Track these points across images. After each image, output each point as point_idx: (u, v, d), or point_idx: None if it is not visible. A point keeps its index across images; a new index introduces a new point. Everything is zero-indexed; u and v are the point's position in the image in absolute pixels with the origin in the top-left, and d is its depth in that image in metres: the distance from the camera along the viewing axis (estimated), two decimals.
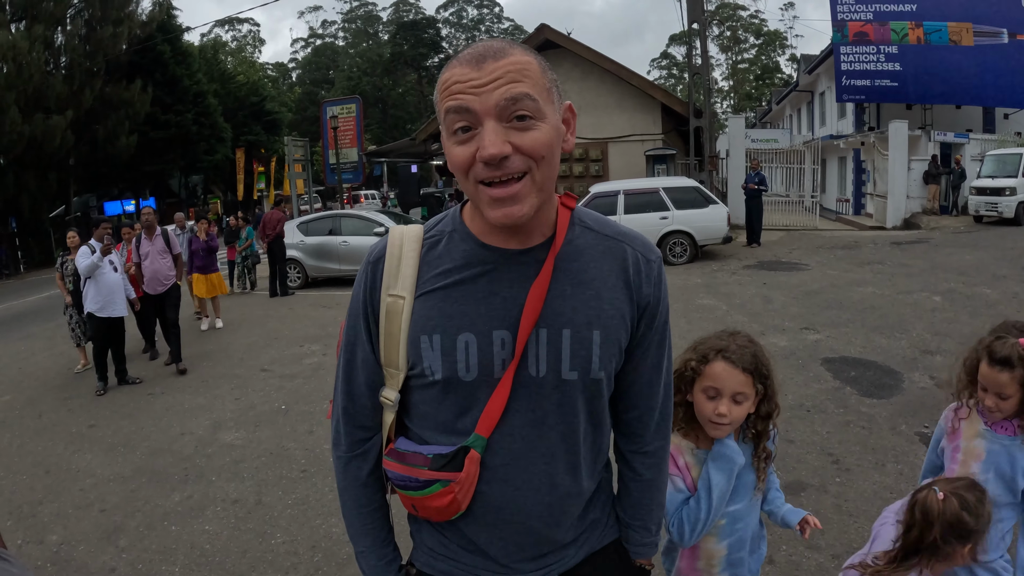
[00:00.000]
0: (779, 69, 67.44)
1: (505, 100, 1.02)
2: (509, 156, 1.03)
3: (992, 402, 1.92)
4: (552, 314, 1.13)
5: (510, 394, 1.14)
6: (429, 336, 1.14)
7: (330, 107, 25.54)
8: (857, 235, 16.26)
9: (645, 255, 1.23)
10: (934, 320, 7.43)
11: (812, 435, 4.55)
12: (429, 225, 1.26)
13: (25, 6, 28.65)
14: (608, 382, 1.21)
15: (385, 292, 1.19)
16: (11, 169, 27.54)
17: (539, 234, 1.17)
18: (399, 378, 1.20)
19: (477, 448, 1.13)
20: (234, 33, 72.83)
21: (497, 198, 1.05)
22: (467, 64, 1.05)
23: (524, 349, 1.13)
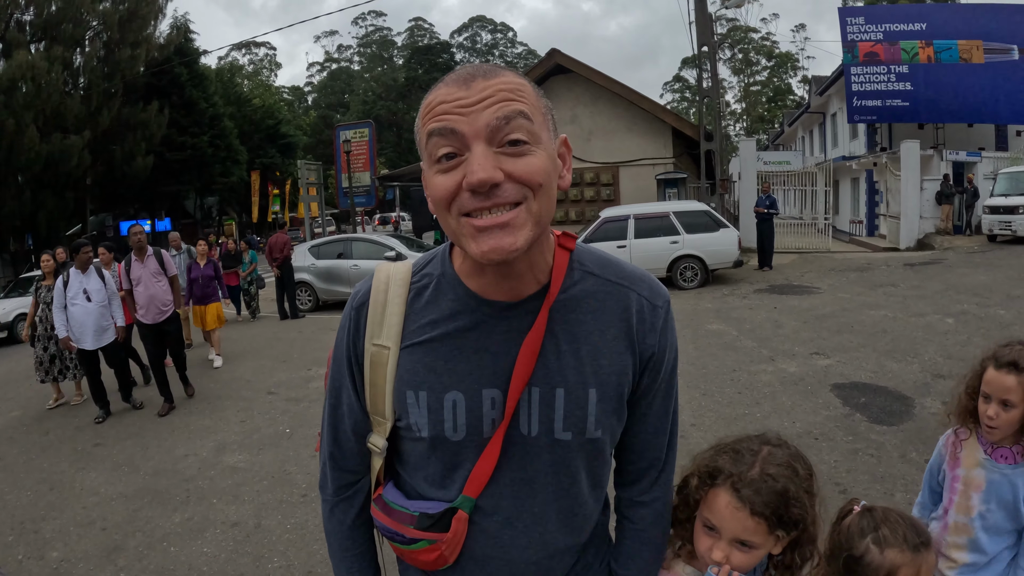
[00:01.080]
0: (791, 91, 67.59)
1: (497, 119, 0.92)
2: (501, 184, 0.92)
3: (994, 411, 1.80)
4: (545, 372, 1.06)
5: (500, 454, 1.07)
6: (415, 392, 1.08)
7: (343, 131, 25.76)
8: (870, 257, 16.13)
9: (651, 300, 1.13)
10: (946, 343, 7.33)
11: (819, 464, 4.45)
12: (418, 265, 1.17)
13: (45, 27, 29.28)
14: (610, 439, 1.14)
15: (369, 341, 1.13)
16: (29, 187, 27.95)
17: (533, 281, 1.07)
18: (386, 426, 1.14)
19: (465, 509, 1.08)
20: (251, 57, 74.01)
21: (483, 227, 0.93)
22: (454, 84, 0.95)
23: (516, 408, 1.06)
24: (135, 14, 31.97)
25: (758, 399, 5.94)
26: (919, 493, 2.16)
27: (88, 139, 28.55)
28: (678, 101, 74.15)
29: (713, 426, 5.34)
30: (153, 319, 7.05)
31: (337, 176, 26.15)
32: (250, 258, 13.39)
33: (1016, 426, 1.79)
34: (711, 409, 5.76)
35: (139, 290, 7.05)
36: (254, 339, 11.07)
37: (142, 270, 7.09)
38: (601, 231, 12.97)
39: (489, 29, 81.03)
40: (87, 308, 6.79)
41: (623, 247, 12.67)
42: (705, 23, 17.33)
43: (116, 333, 7.05)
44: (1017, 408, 1.77)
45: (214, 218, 44.58)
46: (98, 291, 6.88)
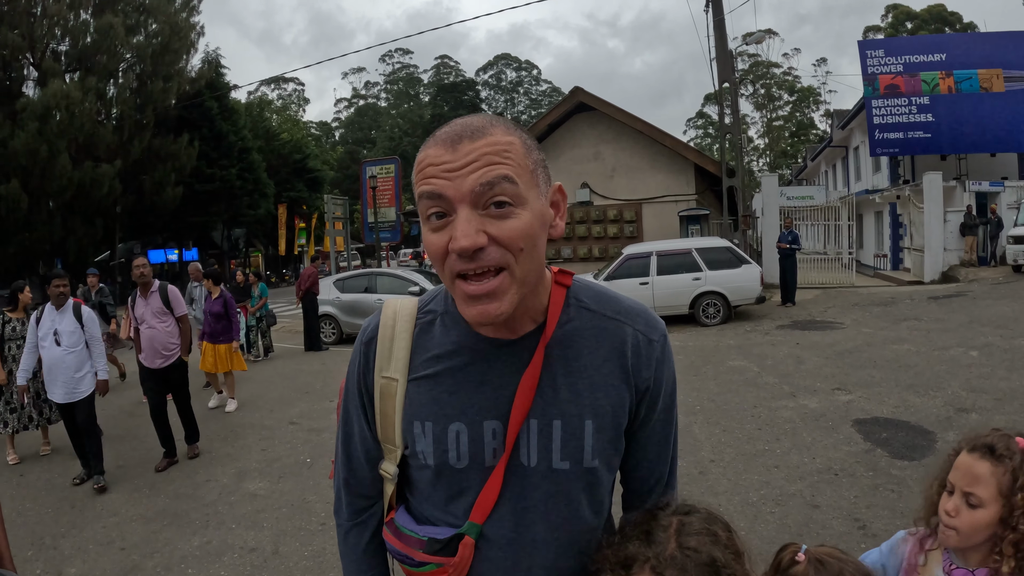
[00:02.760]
0: (813, 125, 67.61)
1: (480, 186, 0.95)
2: (484, 248, 0.96)
3: (953, 506, 1.42)
4: (543, 404, 1.11)
5: (502, 483, 1.12)
6: (422, 423, 1.14)
7: (369, 167, 26.15)
8: (894, 291, 15.98)
9: (647, 335, 1.16)
10: (970, 376, 7.24)
11: (839, 500, 4.42)
12: (424, 301, 1.23)
13: (80, 58, 30.23)
14: (607, 468, 1.17)
15: (378, 373, 1.19)
16: (59, 213, 28.69)
17: (530, 320, 1.13)
18: (397, 454, 1.20)
19: (471, 535, 1.12)
20: (280, 92, 75.64)
21: (472, 295, 0.99)
22: (442, 145, 0.99)
23: (516, 439, 1.11)
24: (168, 48, 32.93)
25: (778, 435, 5.89)
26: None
27: (119, 168, 29.31)
28: (701, 137, 74.42)
29: (733, 462, 5.32)
30: (153, 363, 6.27)
31: (363, 211, 26.51)
32: (260, 292, 12.49)
33: (982, 534, 1.40)
34: (731, 445, 5.73)
35: (141, 329, 6.35)
36: (277, 370, 11.18)
37: (145, 308, 6.36)
38: (624, 268, 13.00)
39: (514, 67, 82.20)
40: (55, 354, 5.69)
41: (645, 284, 12.69)
42: (726, 59, 17.47)
43: (96, 386, 5.82)
44: (985, 509, 1.39)
45: (241, 250, 45.20)
46: (71, 333, 5.73)
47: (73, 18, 30.19)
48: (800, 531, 4.01)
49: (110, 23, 29.66)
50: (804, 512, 4.27)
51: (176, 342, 6.37)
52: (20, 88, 29.83)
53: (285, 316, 20.25)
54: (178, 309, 6.46)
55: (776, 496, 4.57)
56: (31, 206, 26.98)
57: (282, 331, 16.83)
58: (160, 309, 6.35)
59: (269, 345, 12.91)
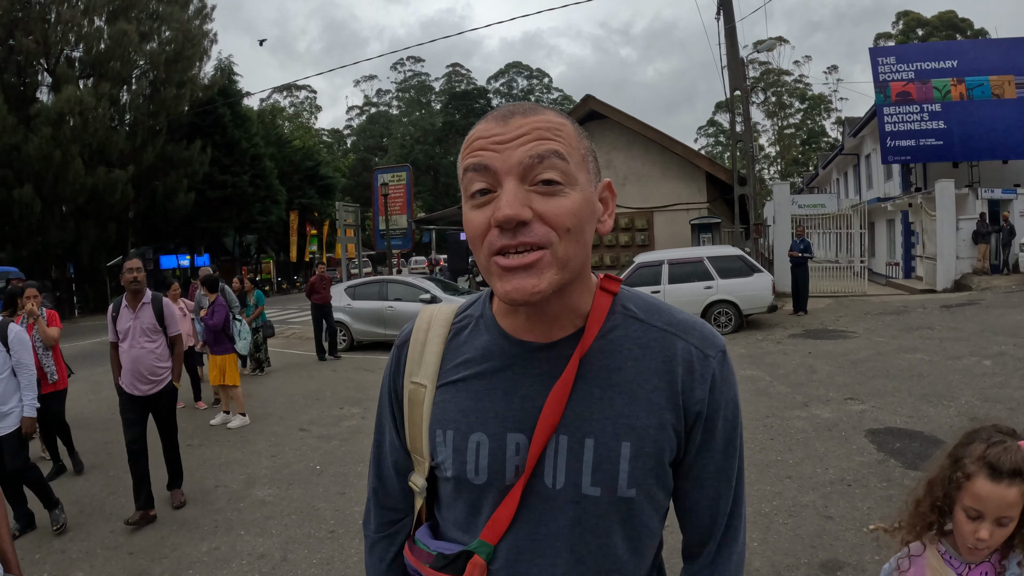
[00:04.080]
0: (825, 133, 67.47)
1: (530, 158, 0.91)
2: (529, 223, 0.90)
3: (988, 532, 1.42)
4: (575, 419, 1.00)
5: (519, 504, 1.01)
6: (444, 431, 1.06)
7: (381, 175, 26.25)
8: (907, 299, 15.89)
9: (702, 349, 1.04)
10: (983, 386, 7.19)
11: (852, 511, 4.38)
12: (462, 307, 1.17)
13: (93, 64, 30.53)
14: (648, 502, 1.03)
15: (408, 378, 1.13)
16: (72, 217, 29.00)
17: (569, 324, 1.03)
18: (425, 466, 1.12)
19: (481, 554, 1.02)
20: (292, 99, 76.05)
21: (508, 268, 0.91)
22: (493, 120, 0.96)
23: (541, 457, 1.00)
24: (181, 55, 33.22)
25: (791, 445, 5.85)
26: None
27: (132, 174, 29.57)
28: (712, 146, 74.35)
29: (745, 472, 5.26)
30: (137, 389, 5.15)
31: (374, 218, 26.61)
32: (255, 300, 11.43)
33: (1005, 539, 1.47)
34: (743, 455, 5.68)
35: (123, 347, 5.20)
36: (287, 376, 11.21)
37: (132, 321, 5.21)
38: (635, 276, 12.97)
39: (525, 75, 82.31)
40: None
41: (657, 292, 12.64)
42: (737, 67, 17.45)
43: (22, 424, 4.67)
44: (1014, 521, 1.44)
45: (252, 256, 45.40)
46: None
47: (87, 25, 30.47)
48: (813, 542, 3.97)
49: (124, 30, 29.92)
50: (817, 523, 4.23)
51: (166, 365, 5.34)
52: (34, 93, 30.15)
53: (295, 322, 20.33)
54: (172, 327, 5.41)
55: (789, 507, 4.54)
56: (44, 210, 27.21)
57: (291, 338, 16.88)
58: (151, 326, 5.27)
59: (265, 359, 11.74)
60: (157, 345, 5.27)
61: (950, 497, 1.48)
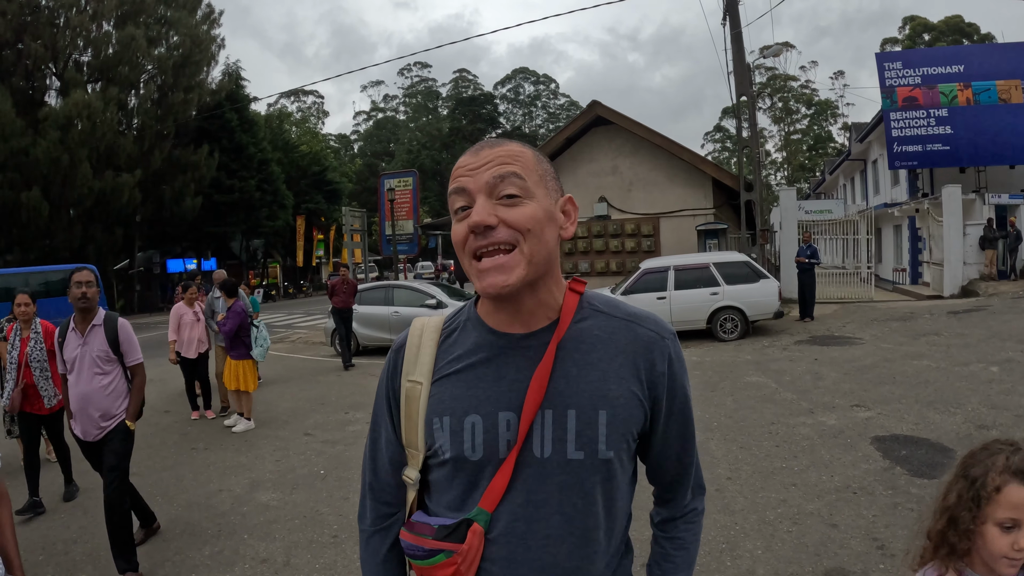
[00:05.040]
0: (831, 138, 67.26)
1: (494, 178, 1.13)
2: (495, 227, 1.11)
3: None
4: (557, 395, 1.17)
5: (513, 473, 1.17)
6: (440, 418, 1.21)
7: (387, 180, 26.28)
8: (913, 305, 15.80)
9: (659, 333, 1.25)
10: (990, 392, 7.15)
11: (857, 519, 4.35)
12: (450, 315, 1.33)
13: (102, 68, 30.78)
14: (623, 462, 1.22)
15: (405, 378, 1.28)
16: (80, 221, 29.19)
17: (544, 317, 1.22)
18: (419, 458, 1.26)
19: (479, 521, 1.16)
20: (299, 104, 76.24)
21: (483, 269, 1.12)
22: (469, 154, 1.18)
23: (529, 430, 1.16)
24: (189, 60, 33.47)
25: (796, 452, 5.82)
26: None
27: (139, 178, 29.78)
28: (719, 151, 74.26)
29: (750, 480, 5.25)
30: (88, 435, 4.25)
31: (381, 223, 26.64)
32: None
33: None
34: (748, 462, 5.66)
35: (71, 380, 4.26)
36: (292, 381, 11.21)
37: (80, 348, 4.23)
38: (641, 282, 12.95)
39: (532, 81, 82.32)
40: None
41: (663, 298, 12.64)
42: (743, 73, 17.44)
43: None
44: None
45: (259, 260, 45.54)
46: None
47: (95, 29, 30.71)
48: (818, 550, 3.94)
49: (132, 35, 30.13)
50: (822, 531, 4.21)
51: (120, 403, 4.30)
52: (43, 97, 30.40)
53: (301, 327, 20.37)
54: (131, 354, 4.35)
55: (793, 514, 4.51)
56: (52, 214, 27.38)
57: (297, 342, 16.91)
58: (103, 354, 4.23)
59: None
60: (111, 379, 4.24)
61: (977, 518, 1.45)
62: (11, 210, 26.42)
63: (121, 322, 4.35)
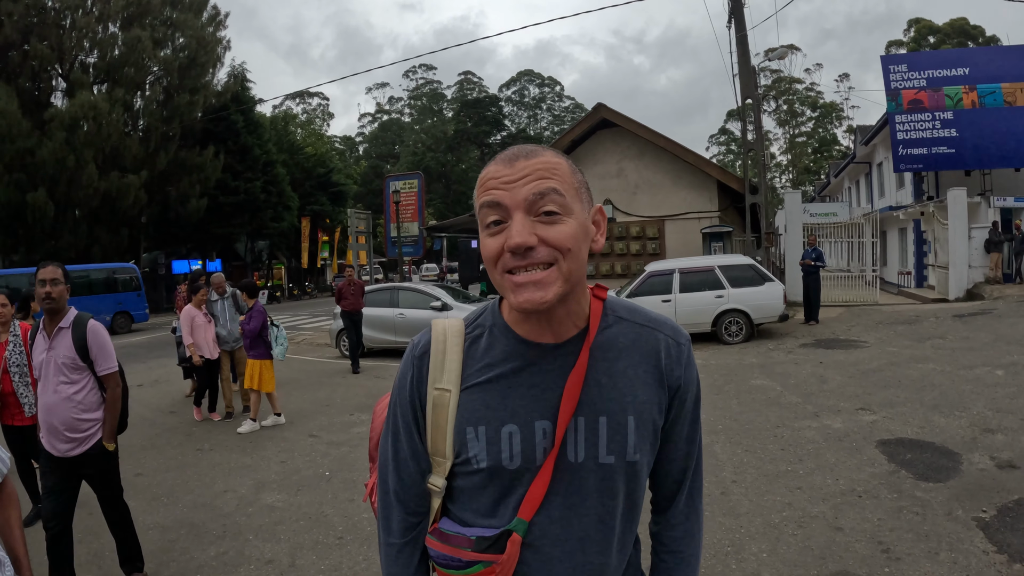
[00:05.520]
0: (836, 141, 67.14)
1: (533, 195, 1.09)
2: (535, 247, 1.09)
3: None
4: (588, 403, 1.19)
5: (551, 480, 1.18)
6: (475, 428, 1.20)
7: (393, 182, 26.32)
8: (918, 309, 15.76)
9: (676, 339, 1.28)
10: (996, 396, 7.13)
11: (862, 522, 4.35)
12: (470, 319, 1.32)
13: (108, 70, 30.90)
14: (646, 464, 1.25)
15: (432, 385, 1.25)
16: (85, 222, 29.27)
17: (573, 326, 1.22)
18: (446, 466, 1.24)
19: (519, 531, 1.17)
20: (304, 106, 76.46)
21: (520, 283, 1.10)
22: (501, 163, 1.14)
23: (563, 437, 1.18)
24: (194, 62, 33.58)
25: (801, 456, 5.82)
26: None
27: (145, 179, 29.88)
28: (724, 154, 74.15)
29: (755, 483, 5.25)
30: (53, 448, 3.77)
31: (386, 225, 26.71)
32: None
33: None
34: (753, 466, 5.66)
35: (39, 388, 3.83)
36: (297, 383, 11.22)
37: (46, 353, 3.78)
38: (646, 285, 12.95)
39: (537, 83, 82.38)
40: None
41: (668, 301, 12.62)
42: (749, 75, 17.41)
43: None
44: None
45: (264, 261, 45.61)
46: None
47: (101, 31, 30.85)
48: (823, 554, 3.94)
49: (138, 36, 30.23)
50: (827, 534, 4.20)
51: (93, 417, 3.82)
52: (49, 98, 30.49)
53: (306, 329, 20.40)
54: (103, 361, 3.80)
55: (799, 518, 4.51)
56: (57, 214, 27.47)
57: (302, 344, 16.94)
58: (69, 361, 3.74)
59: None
60: (79, 389, 3.76)
61: None
62: (17, 210, 26.51)
63: (92, 325, 3.82)
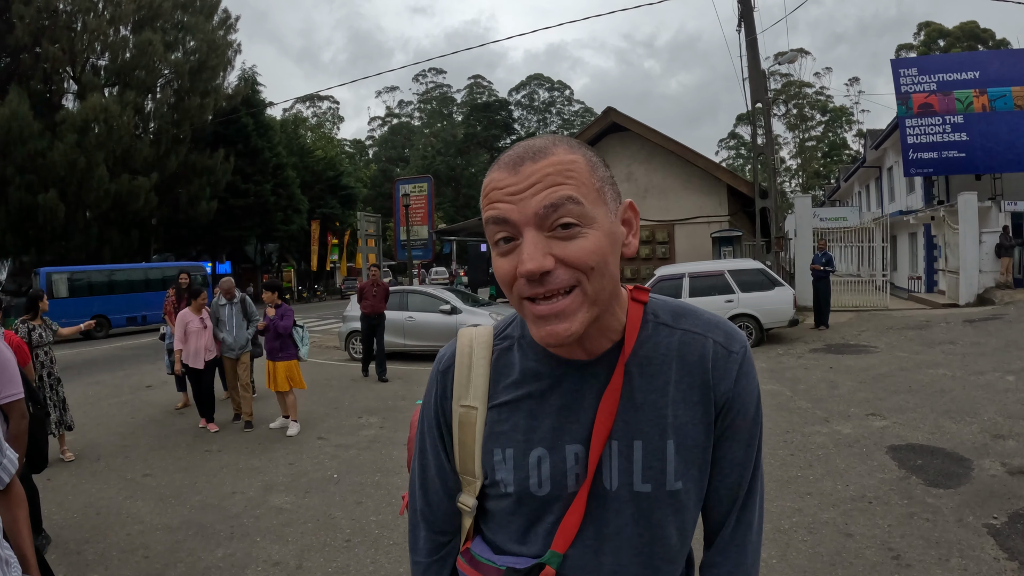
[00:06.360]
0: (846, 145, 67.01)
1: (544, 208, 0.94)
2: (552, 271, 0.94)
3: None
4: (623, 425, 1.06)
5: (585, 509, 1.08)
6: (502, 450, 1.11)
7: (403, 185, 26.37)
8: (929, 314, 15.68)
9: (726, 346, 1.10)
10: (1007, 402, 7.09)
11: (873, 528, 4.32)
12: (499, 328, 1.21)
13: (119, 72, 31.10)
14: (695, 493, 1.11)
15: (457, 402, 1.16)
16: (96, 223, 29.47)
17: (607, 339, 1.09)
18: (476, 485, 1.16)
19: (552, 565, 1.07)
20: (315, 110, 76.78)
21: (540, 315, 0.97)
22: (504, 168, 0.98)
23: (598, 463, 1.07)
24: (205, 65, 33.80)
25: (811, 461, 5.78)
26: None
27: (155, 181, 30.07)
28: (733, 158, 74.11)
29: (765, 488, 5.21)
30: None
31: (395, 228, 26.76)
32: None
33: None
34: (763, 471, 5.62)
35: None
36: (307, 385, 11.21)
37: None
38: (656, 290, 12.81)
39: (546, 87, 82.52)
40: None
41: None
42: (758, 79, 17.37)
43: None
44: None
45: (273, 264, 45.76)
46: None
47: (113, 34, 31.03)
48: (833, 560, 3.91)
49: (149, 39, 30.43)
50: (837, 540, 4.17)
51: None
52: (60, 101, 30.72)
53: (315, 331, 20.45)
54: (4, 388, 2.82)
55: (808, 524, 4.48)
56: (68, 216, 27.64)
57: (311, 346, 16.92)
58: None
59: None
60: None
61: None
62: (28, 212, 26.69)
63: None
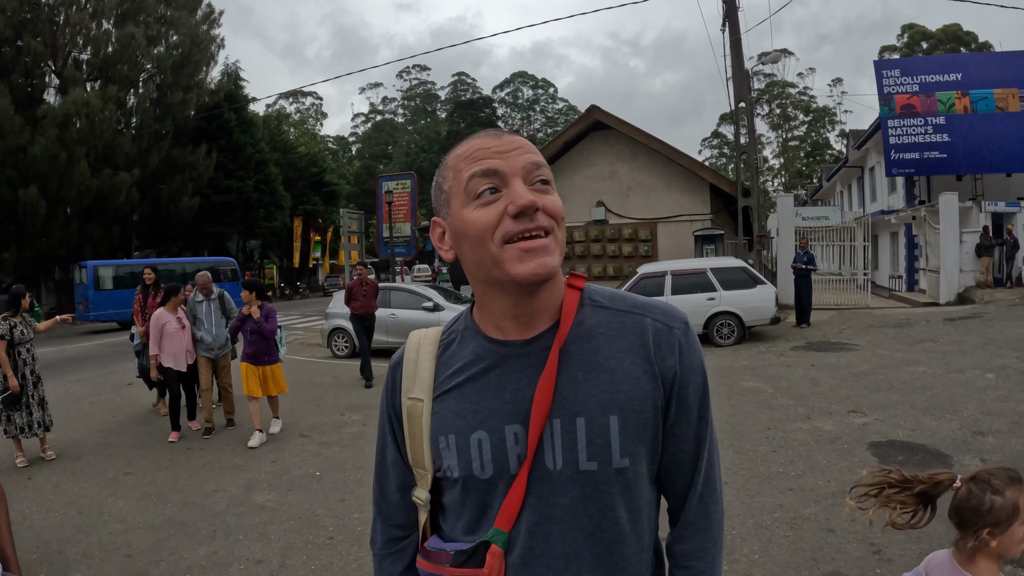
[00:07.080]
0: (829, 145, 67.52)
1: (530, 163, 1.07)
2: (539, 210, 1.04)
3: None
4: (564, 403, 1.07)
5: (526, 489, 1.08)
6: (446, 436, 1.12)
7: (385, 182, 26.28)
8: (910, 312, 15.83)
9: (666, 323, 1.13)
10: (986, 399, 7.17)
11: (854, 524, 4.32)
12: (447, 326, 1.25)
13: (101, 67, 30.70)
14: (646, 471, 1.12)
15: (405, 395, 1.20)
16: (77, 219, 29.09)
17: (547, 318, 1.12)
18: (427, 478, 1.19)
19: (497, 542, 1.08)
20: (298, 106, 76.40)
21: (528, 249, 1.03)
22: (488, 136, 1.10)
23: (539, 443, 1.07)
24: (188, 60, 33.49)
25: (792, 458, 5.82)
26: None
27: (137, 177, 29.73)
28: (716, 157, 74.50)
29: (746, 485, 5.25)
30: None
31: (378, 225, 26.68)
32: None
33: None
34: (744, 467, 5.66)
35: None
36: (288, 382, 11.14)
37: None
38: (638, 287, 12.93)
39: (530, 85, 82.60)
40: None
41: None
42: (742, 79, 17.45)
43: None
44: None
45: (255, 261, 45.47)
46: None
47: (95, 28, 30.63)
48: (815, 555, 3.94)
49: (132, 34, 30.08)
50: (818, 536, 4.21)
51: None
52: (41, 95, 30.28)
53: (297, 329, 20.36)
54: None
55: (790, 519, 4.51)
56: (49, 212, 27.27)
57: (293, 344, 16.87)
58: None
59: None
60: None
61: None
62: (8, 208, 26.32)
63: None
